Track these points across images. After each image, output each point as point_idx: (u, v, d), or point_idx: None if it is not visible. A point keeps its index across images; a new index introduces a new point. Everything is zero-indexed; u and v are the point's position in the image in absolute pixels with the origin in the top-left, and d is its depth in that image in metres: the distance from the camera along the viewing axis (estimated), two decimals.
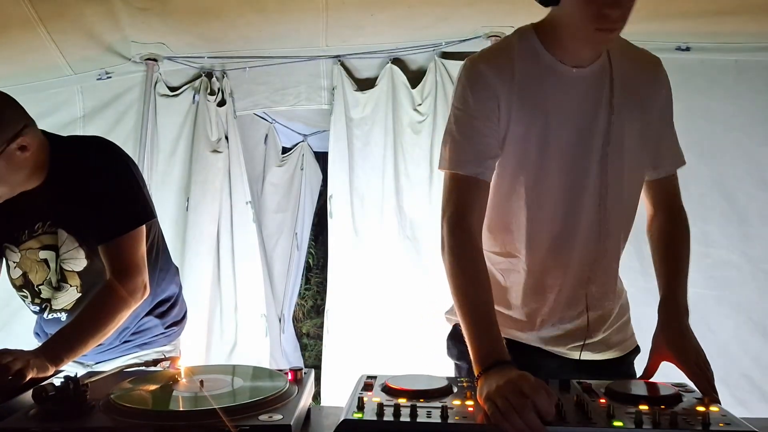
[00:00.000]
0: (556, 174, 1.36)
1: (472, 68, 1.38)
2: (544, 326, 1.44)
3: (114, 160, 1.66)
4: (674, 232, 1.47)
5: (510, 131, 1.35)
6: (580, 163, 1.36)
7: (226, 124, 3.33)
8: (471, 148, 1.35)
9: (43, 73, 3.03)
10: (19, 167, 1.54)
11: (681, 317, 1.36)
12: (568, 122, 1.34)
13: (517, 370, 1.11)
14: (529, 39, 1.37)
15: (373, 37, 3.08)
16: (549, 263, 1.40)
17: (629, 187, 1.42)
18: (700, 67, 2.91)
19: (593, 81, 1.35)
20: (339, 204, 3.28)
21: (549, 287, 1.42)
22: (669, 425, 1.03)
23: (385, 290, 3.19)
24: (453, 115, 1.39)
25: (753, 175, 2.85)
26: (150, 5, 2.65)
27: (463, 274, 1.31)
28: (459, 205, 1.35)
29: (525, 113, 1.34)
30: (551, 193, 1.37)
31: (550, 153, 1.35)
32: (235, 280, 3.40)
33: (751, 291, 2.84)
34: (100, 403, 1.15)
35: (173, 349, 1.89)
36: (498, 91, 1.34)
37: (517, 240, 1.41)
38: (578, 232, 1.38)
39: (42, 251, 1.68)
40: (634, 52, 1.44)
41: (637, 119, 1.38)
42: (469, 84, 1.36)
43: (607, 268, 1.43)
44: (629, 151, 1.38)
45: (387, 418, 1.04)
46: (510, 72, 1.35)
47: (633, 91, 1.38)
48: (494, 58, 1.39)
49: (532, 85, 1.34)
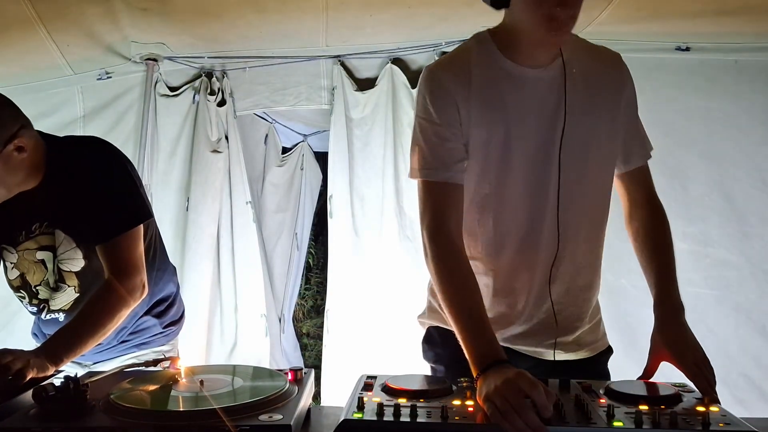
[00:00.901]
0: (519, 177, 1.37)
1: (430, 76, 1.40)
2: (514, 324, 1.44)
3: (111, 160, 1.66)
4: (656, 228, 1.47)
5: (472, 136, 1.36)
6: (542, 164, 1.36)
7: (226, 124, 3.33)
8: (438, 155, 1.36)
9: (43, 73, 3.03)
10: (16, 169, 1.54)
11: (677, 315, 1.36)
12: (528, 124, 1.35)
13: (515, 369, 1.11)
14: (485, 44, 1.39)
15: (373, 37, 3.07)
16: (516, 265, 1.41)
17: (594, 185, 1.42)
18: (700, 67, 2.91)
19: (551, 82, 1.36)
20: (339, 204, 3.28)
21: (517, 290, 1.43)
22: (669, 425, 1.03)
23: (385, 290, 3.18)
24: (417, 125, 1.40)
25: (752, 175, 2.85)
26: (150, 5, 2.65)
27: (450, 280, 1.32)
28: (435, 212, 1.36)
29: (485, 118, 1.35)
30: (515, 196, 1.38)
31: (513, 156, 1.36)
32: (235, 280, 3.40)
33: (751, 291, 2.84)
34: (100, 403, 1.15)
35: (171, 348, 1.89)
36: (456, 97, 1.35)
37: (483, 244, 1.42)
38: (542, 233, 1.39)
39: (39, 252, 1.68)
40: (593, 49, 1.45)
41: (601, 117, 1.38)
42: (429, 92, 1.38)
43: (570, 268, 1.43)
44: (593, 149, 1.38)
45: (387, 418, 1.04)
46: (467, 77, 1.36)
47: (595, 89, 1.38)
48: (451, 65, 1.41)
49: (490, 89, 1.35)
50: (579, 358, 1.48)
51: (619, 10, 2.59)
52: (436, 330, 1.54)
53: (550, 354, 1.45)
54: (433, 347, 1.54)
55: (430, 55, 3.12)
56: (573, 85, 1.36)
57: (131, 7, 2.63)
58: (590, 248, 1.46)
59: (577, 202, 1.39)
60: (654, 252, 1.45)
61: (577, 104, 1.35)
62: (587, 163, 1.38)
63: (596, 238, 1.47)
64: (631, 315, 2.65)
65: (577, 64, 1.37)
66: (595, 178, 1.42)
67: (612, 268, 2.70)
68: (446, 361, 1.49)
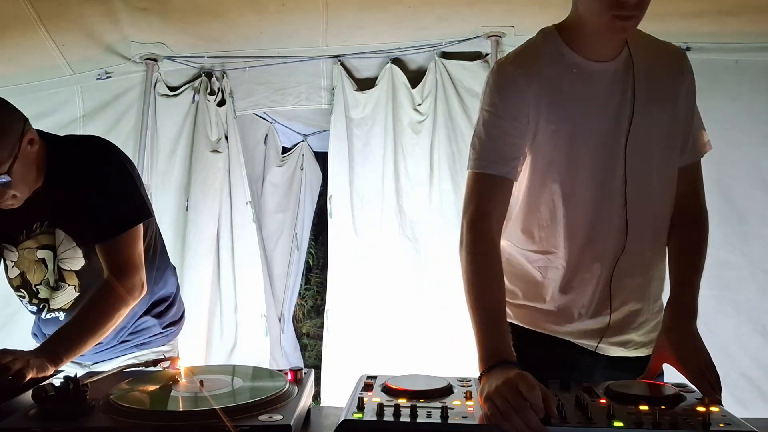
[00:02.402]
0: (587, 169, 1.38)
1: (499, 71, 1.41)
2: (581, 319, 1.44)
3: (110, 159, 1.66)
4: (693, 235, 1.48)
5: (540, 130, 1.37)
6: (608, 157, 1.37)
7: (226, 124, 3.33)
8: (497, 148, 1.37)
9: (43, 73, 3.03)
10: (31, 164, 1.56)
11: (688, 320, 1.35)
12: (595, 118, 1.36)
13: (518, 370, 1.11)
14: (552, 39, 1.40)
15: (373, 37, 3.07)
16: (586, 257, 1.41)
17: (659, 179, 1.42)
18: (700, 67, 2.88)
19: (617, 75, 1.37)
20: (339, 204, 3.28)
21: (587, 280, 1.42)
22: (669, 425, 1.03)
23: (385, 290, 3.18)
24: (481, 117, 1.41)
25: (753, 175, 2.85)
26: (150, 5, 2.65)
27: (478, 273, 1.32)
28: (480, 205, 1.36)
29: (553, 111, 1.36)
30: (584, 188, 1.38)
31: (581, 148, 1.37)
32: (235, 280, 3.40)
33: (751, 291, 2.84)
34: (100, 403, 1.15)
35: (171, 349, 1.88)
36: (526, 92, 1.36)
37: (555, 236, 1.42)
38: (610, 226, 1.39)
39: (40, 251, 1.68)
40: (657, 44, 1.46)
41: (664, 112, 1.39)
42: (497, 86, 1.39)
43: (637, 262, 1.42)
44: (657, 142, 1.39)
45: (387, 418, 1.04)
46: (537, 72, 1.37)
47: (658, 84, 1.39)
48: (521, 60, 1.42)
49: (559, 83, 1.37)
50: (638, 356, 1.47)
51: None
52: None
53: (612, 350, 1.45)
54: None
55: (430, 55, 3.12)
56: (638, 78, 1.37)
57: (131, 7, 2.63)
58: (657, 242, 1.46)
59: (644, 195, 1.40)
60: (682, 256, 1.45)
61: (642, 97, 1.37)
62: (652, 156, 1.39)
63: (662, 232, 1.47)
64: None
65: (642, 56, 1.39)
66: (659, 170, 1.42)
67: None
68: None
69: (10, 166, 1.50)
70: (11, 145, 1.50)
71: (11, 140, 1.50)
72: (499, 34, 2.88)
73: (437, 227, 3.09)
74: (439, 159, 3.10)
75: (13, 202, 1.57)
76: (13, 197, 1.56)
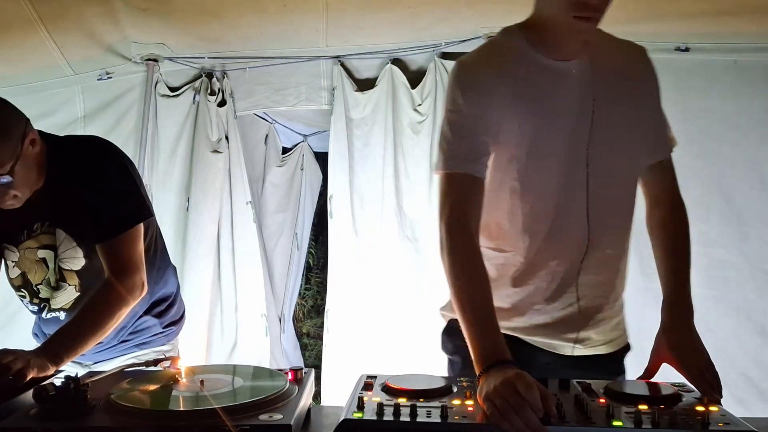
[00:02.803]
0: (549, 167, 1.37)
1: (461, 70, 1.40)
2: (533, 314, 1.43)
3: (111, 159, 1.67)
4: (676, 229, 1.47)
5: (503, 127, 1.36)
6: (571, 155, 1.37)
7: (226, 125, 3.33)
8: (464, 147, 1.36)
9: (44, 73, 3.03)
10: (32, 164, 1.57)
11: (685, 318, 1.35)
12: (558, 115, 1.36)
13: (516, 370, 1.11)
14: (515, 37, 1.39)
15: (373, 38, 3.08)
16: (543, 254, 1.41)
17: (622, 176, 1.42)
18: (699, 67, 2.91)
19: (579, 74, 1.37)
20: (339, 204, 3.29)
21: (541, 276, 1.42)
22: (668, 425, 1.03)
23: (385, 290, 3.19)
24: (446, 118, 1.40)
25: (752, 175, 2.85)
26: (150, 5, 2.65)
27: (463, 275, 1.31)
28: (456, 205, 1.36)
29: (516, 109, 1.35)
30: (544, 186, 1.38)
31: (543, 146, 1.36)
32: (236, 280, 3.40)
33: (750, 291, 2.84)
34: (101, 403, 1.15)
35: (171, 348, 1.89)
36: (489, 89, 1.35)
37: (513, 235, 1.41)
38: (571, 223, 1.39)
39: (41, 251, 1.68)
40: (618, 43, 1.46)
41: (627, 109, 1.39)
42: (460, 85, 1.38)
43: (600, 260, 1.42)
44: (620, 140, 1.39)
45: (387, 417, 1.04)
46: (499, 70, 1.37)
47: (620, 83, 1.39)
48: (483, 58, 1.42)
49: (521, 81, 1.36)
50: (598, 354, 1.47)
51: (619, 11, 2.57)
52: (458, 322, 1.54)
53: (568, 348, 1.44)
54: (453, 339, 1.51)
55: (430, 55, 3.12)
56: (600, 77, 1.37)
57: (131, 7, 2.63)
58: (619, 240, 1.45)
59: (606, 192, 1.39)
60: (671, 254, 1.44)
61: (603, 96, 1.37)
62: (615, 154, 1.39)
63: (625, 230, 1.46)
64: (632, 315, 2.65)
65: (604, 56, 1.39)
66: (622, 168, 1.42)
67: None
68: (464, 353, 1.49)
69: (12, 167, 1.50)
70: (13, 146, 1.50)
71: (13, 141, 1.50)
72: None
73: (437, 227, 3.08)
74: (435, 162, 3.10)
75: (14, 202, 1.58)
76: (14, 197, 1.57)
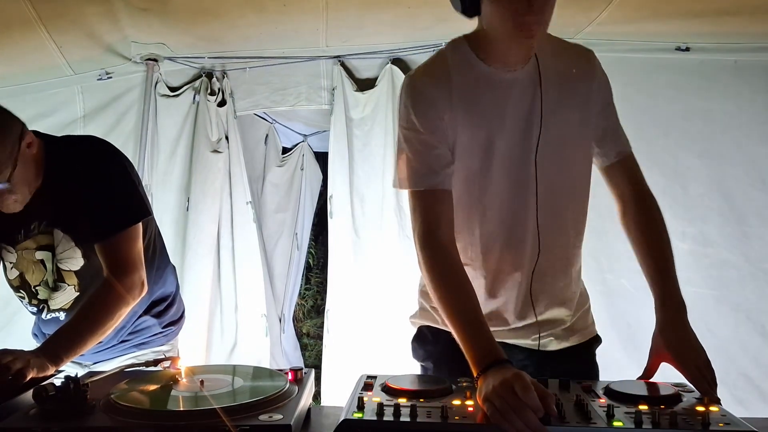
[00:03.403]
0: (502, 177, 1.38)
1: (410, 84, 1.41)
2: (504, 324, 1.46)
3: (108, 159, 1.66)
4: (651, 224, 1.46)
5: (458, 139, 1.37)
6: (522, 163, 1.38)
7: (226, 125, 3.33)
8: (425, 162, 1.37)
9: (44, 73, 3.03)
10: (30, 165, 1.57)
11: (680, 316, 1.36)
12: (507, 126, 1.37)
13: (514, 369, 1.12)
14: (461, 49, 1.41)
15: (373, 37, 3.08)
16: (504, 266, 1.43)
17: (571, 181, 1.43)
18: (699, 67, 2.91)
19: (526, 83, 1.37)
20: (339, 204, 3.29)
21: (507, 289, 1.44)
22: (669, 425, 1.03)
23: (385, 290, 3.18)
24: (401, 134, 1.41)
25: (752, 175, 2.85)
26: (150, 5, 2.65)
27: (445, 285, 1.32)
28: (426, 221, 1.36)
29: (466, 121, 1.36)
30: (498, 198, 1.39)
31: (494, 157, 1.37)
32: (236, 280, 3.40)
33: (750, 291, 2.84)
34: (101, 403, 1.15)
35: (171, 348, 1.89)
36: (438, 103, 1.36)
37: (472, 247, 1.43)
38: (526, 232, 1.41)
39: (38, 252, 1.68)
40: (565, 47, 1.46)
41: (574, 113, 1.40)
42: (411, 101, 1.39)
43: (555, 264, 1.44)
44: (569, 145, 1.40)
45: (387, 418, 1.04)
46: (447, 83, 1.38)
47: (567, 87, 1.39)
48: (430, 71, 1.42)
49: (470, 92, 1.37)
50: (569, 346, 1.50)
51: (619, 11, 2.59)
52: (429, 329, 1.55)
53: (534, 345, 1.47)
54: (424, 345, 1.55)
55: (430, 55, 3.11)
56: (545, 83, 1.37)
57: (131, 7, 2.63)
58: (574, 242, 1.48)
59: (556, 199, 1.41)
60: (650, 250, 1.44)
61: (550, 103, 1.37)
62: (563, 160, 1.40)
63: (579, 232, 1.48)
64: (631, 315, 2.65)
65: (549, 62, 1.39)
66: (572, 171, 1.43)
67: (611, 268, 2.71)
68: (435, 357, 1.51)
69: (11, 173, 1.50)
70: (10, 151, 1.50)
71: (10, 147, 1.50)
72: None
73: None
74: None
75: (15, 206, 1.58)
76: (14, 201, 1.57)
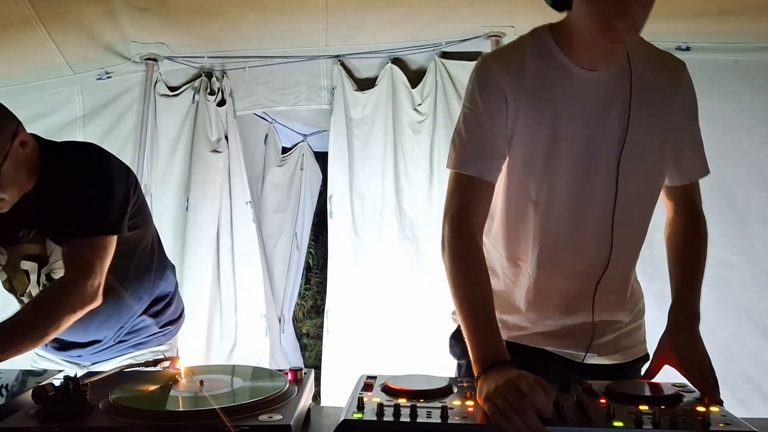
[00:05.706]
0: (565, 177, 1.34)
1: (482, 66, 1.37)
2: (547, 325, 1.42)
3: (98, 168, 1.61)
4: (691, 238, 1.46)
5: (517, 131, 1.33)
6: (590, 166, 1.33)
7: (225, 124, 3.33)
8: (477, 148, 1.34)
9: (43, 73, 3.03)
10: (22, 165, 1.55)
11: (690, 323, 1.35)
12: (578, 124, 1.32)
13: (517, 370, 1.11)
14: (543, 38, 1.35)
15: (373, 37, 3.07)
16: (557, 268, 1.38)
17: (645, 193, 1.40)
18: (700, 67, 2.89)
19: (608, 84, 1.32)
20: (339, 204, 3.28)
21: (555, 293, 1.40)
22: (669, 425, 1.03)
23: (385, 290, 3.18)
24: (462, 114, 1.38)
25: (753, 175, 2.85)
26: (150, 5, 2.65)
27: (464, 275, 1.30)
28: (461, 205, 1.34)
29: (533, 110, 1.32)
30: (560, 197, 1.35)
31: (559, 155, 1.33)
32: (235, 280, 3.40)
33: (751, 291, 2.84)
34: (100, 403, 1.15)
35: (169, 348, 1.88)
36: (505, 88, 1.32)
37: (525, 244, 1.39)
38: (587, 237, 1.37)
39: (24, 262, 1.64)
40: (657, 54, 1.41)
41: (657, 124, 1.35)
42: (479, 82, 1.36)
43: (618, 277, 1.40)
44: (647, 157, 1.35)
45: (387, 418, 1.04)
46: (520, 70, 1.33)
47: (653, 95, 1.35)
48: (505, 57, 1.38)
49: (542, 84, 1.32)
50: (612, 363, 1.46)
51: None
52: None
53: (579, 357, 1.43)
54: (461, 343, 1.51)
55: (430, 54, 3.12)
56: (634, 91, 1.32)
57: (131, 7, 2.63)
58: (635, 258, 1.45)
59: (629, 210, 1.36)
60: (683, 259, 1.44)
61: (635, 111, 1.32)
62: (641, 172, 1.35)
63: (639, 248, 1.45)
64: None
65: (639, 67, 1.34)
66: (647, 185, 1.39)
67: None
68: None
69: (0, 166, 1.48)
70: (2, 146, 1.48)
71: (2, 142, 1.48)
72: (499, 34, 2.88)
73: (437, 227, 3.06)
74: (439, 159, 3.10)
75: (1, 205, 1.55)
76: (1, 200, 1.54)
